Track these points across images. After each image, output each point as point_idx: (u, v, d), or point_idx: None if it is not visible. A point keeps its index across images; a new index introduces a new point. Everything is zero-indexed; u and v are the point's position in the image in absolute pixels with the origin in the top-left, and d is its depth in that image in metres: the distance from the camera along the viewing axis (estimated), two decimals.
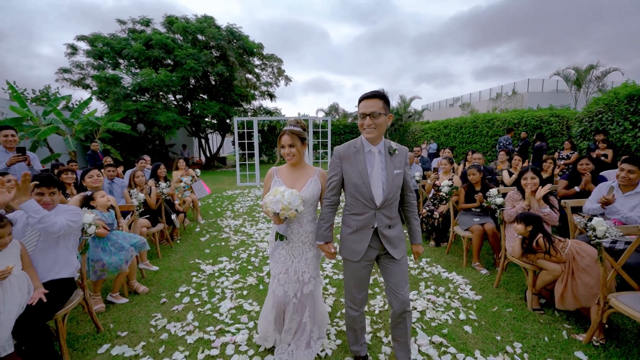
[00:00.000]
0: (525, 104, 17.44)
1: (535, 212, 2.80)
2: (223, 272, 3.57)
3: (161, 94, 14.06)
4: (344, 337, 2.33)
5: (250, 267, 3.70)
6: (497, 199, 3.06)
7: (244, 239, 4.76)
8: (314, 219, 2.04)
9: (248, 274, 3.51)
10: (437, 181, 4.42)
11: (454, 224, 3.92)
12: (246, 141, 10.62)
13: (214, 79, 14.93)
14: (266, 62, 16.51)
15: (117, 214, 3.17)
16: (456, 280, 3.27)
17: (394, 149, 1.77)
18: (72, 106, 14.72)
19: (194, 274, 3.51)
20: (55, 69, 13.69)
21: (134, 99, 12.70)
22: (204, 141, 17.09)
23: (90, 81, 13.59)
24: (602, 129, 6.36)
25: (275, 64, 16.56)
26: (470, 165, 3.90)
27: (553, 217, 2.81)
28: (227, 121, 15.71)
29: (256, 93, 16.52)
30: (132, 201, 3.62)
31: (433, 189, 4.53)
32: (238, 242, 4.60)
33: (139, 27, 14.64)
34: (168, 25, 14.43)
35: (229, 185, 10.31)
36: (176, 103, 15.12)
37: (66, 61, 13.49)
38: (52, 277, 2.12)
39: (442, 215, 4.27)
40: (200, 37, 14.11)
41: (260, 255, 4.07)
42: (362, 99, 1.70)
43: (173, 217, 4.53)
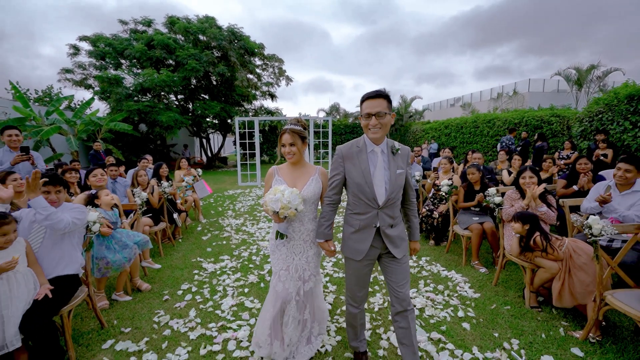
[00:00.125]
0: (526, 104, 17.42)
1: (532, 211, 2.83)
2: (224, 270, 3.61)
3: (163, 94, 14.12)
4: (343, 333, 2.37)
5: (251, 265, 3.74)
6: (496, 198, 3.09)
7: (245, 237, 4.80)
8: (315, 218, 2.04)
9: (249, 272, 3.55)
10: (437, 181, 4.46)
11: (453, 223, 3.95)
12: (247, 141, 10.67)
13: (215, 79, 14.99)
14: (267, 62, 16.56)
15: (121, 212, 3.21)
16: (455, 278, 3.30)
17: (396, 149, 1.77)
18: (74, 106, 14.78)
19: (195, 272, 3.55)
20: (58, 69, 13.78)
21: (135, 99, 12.76)
22: (205, 141, 17.16)
23: (92, 81, 13.67)
24: (602, 128, 6.37)
25: (276, 64, 16.61)
26: (470, 165, 3.93)
27: (550, 216, 2.84)
28: (228, 121, 15.76)
29: (257, 93, 16.57)
30: (135, 200, 3.67)
31: (433, 188, 4.57)
32: (239, 241, 4.64)
33: (140, 28, 14.71)
34: (170, 26, 14.50)
35: (230, 185, 10.35)
36: (178, 103, 15.18)
37: (68, 61, 13.63)
38: (58, 273, 2.16)
39: (442, 215, 4.31)
40: (201, 37, 14.18)
41: (261, 253, 4.11)
42: (366, 98, 1.69)
43: (175, 216, 4.58)
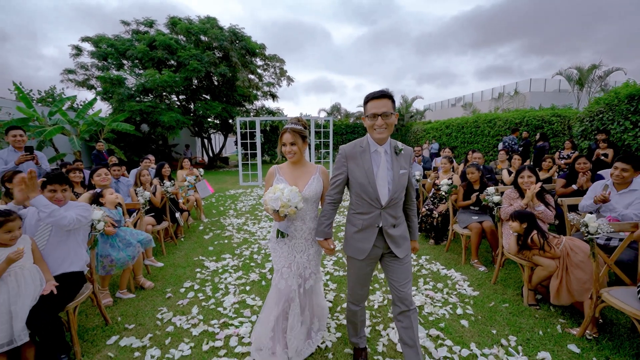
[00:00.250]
0: (528, 104, 17.41)
1: (530, 210, 2.86)
2: (226, 268, 3.65)
3: (164, 94, 14.20)
4: (343, 330, 2.41)
5: (252, 264, 3.78)
6: (495, 197, 3.12)
7: (247, 236, 4.85)
8: (316, 216, 2.05)
9: (251, 270, 3.59)
10: (437, 180, 4.49)
11: (453, 222, 3.98)
12: (248, 141, 10.73)
13: (216, 79, 15.05)
14: (268, 63, 16.62)
15: (124, 211, 3.26)
16: (454, 277, 3.34)
17: (400, 149, 1.77)
18: (77, 107, 14.91)
19: (198, 270, 3.59)
20: (60, 70, 13.90)
21: (137, 99, 12.84)
22: (206, 141, 17.24)
23: (94, 82, 13.77)
24: (603, 128, 6.38)
25: (278, 64, 16.67)
26: (469, 164, 3.96)
27: (548, 215, 2.87)
28: (229, 121, 15.81)
29: (258, 93, 16.62)
30: (138, 199, 3.72)
31: (433, 188, 4.60)
32: (241, 240, 4.69)
33: (142, 28, 14.80)
34: (171, 26, 14.58)
35: (231, 185, 10.40)
36: (179, 103, 15.26)
37: (71, 62, 13.70)
38: (63, 270, 2.21)
39: (441, 215, 4.34)
40: (203, 38, 14.24)
41: (263, 252, 4.15)
42: (371, 99, 1.68)
43: (177, 215, 4.62)
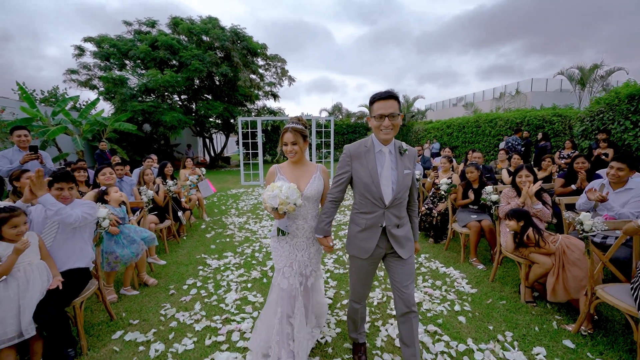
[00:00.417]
0: (529, 104, 17.40)
1: (528, 209, 2.90)
2: (228, 266, 3.70)
3: (166, 94, 14.29)
4: (343, 326, 2.46)
5: (254, 261, 3.84)
6: (492, 195, 3.16)
7: (248, 235, 4.90)
8: (317, 215, 2.07)
9: (252, 268, 3.64)
10: (436, 180, 4.53)
11: (452, 221, 4.02)
12: (250, 141, 10.78)
13: (218, 79, 15.13)
14: (270, 63, 16.68)
15: (128, 209, 3.32)
16: (453, 274, 3.38)
17: (404, 149, 1.78)
18: (79, 107, 14.99)
19: (200, 267, 3.65)
20: (63, 70, 14.00)
21: (140, 99, 12.93)
22: (208, 141, 17.33)
23: (97, 82, 13.87)
24: (603, 128, 6.40)
25: (279, 64, 16.72)
26: (469, 164, 4.00)
27: (545, 214, 2.90)
28: (231, 121, 15.89)
29: (260, 93, 16.70)
30: (141, 198, 3.78)
31: (433, 187, 4.64)
32: (242, 239, 4.74)
33: (144, 29, 14.89)
34: (173, 27, 14.66)
35: (233, 184, 10.47)
36: (181, 103, 15.34)
37: (73, 62, 13.82)
38: (70, 266, 2.27)
39: (441, 214, 4.38)
40: (205, 38, 14.32)
41: (264, 250, 4.21)
42: (377, 99, 1.68)
43: (180, 214, 4.68)
